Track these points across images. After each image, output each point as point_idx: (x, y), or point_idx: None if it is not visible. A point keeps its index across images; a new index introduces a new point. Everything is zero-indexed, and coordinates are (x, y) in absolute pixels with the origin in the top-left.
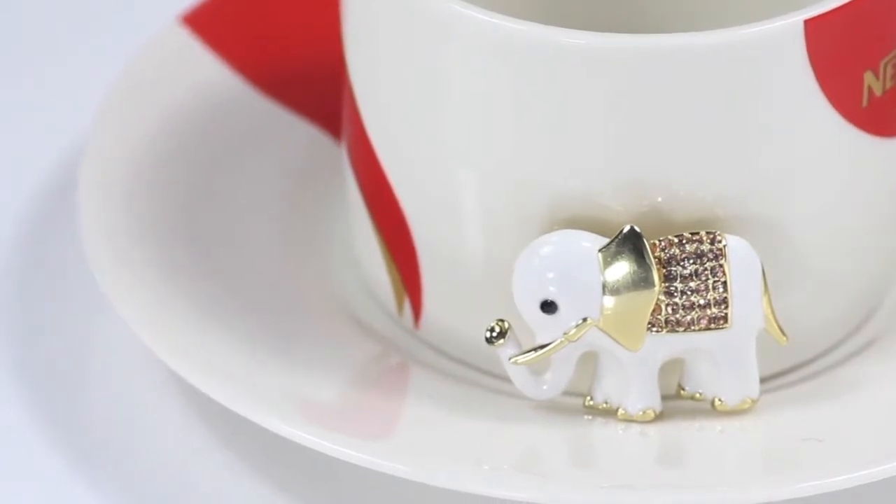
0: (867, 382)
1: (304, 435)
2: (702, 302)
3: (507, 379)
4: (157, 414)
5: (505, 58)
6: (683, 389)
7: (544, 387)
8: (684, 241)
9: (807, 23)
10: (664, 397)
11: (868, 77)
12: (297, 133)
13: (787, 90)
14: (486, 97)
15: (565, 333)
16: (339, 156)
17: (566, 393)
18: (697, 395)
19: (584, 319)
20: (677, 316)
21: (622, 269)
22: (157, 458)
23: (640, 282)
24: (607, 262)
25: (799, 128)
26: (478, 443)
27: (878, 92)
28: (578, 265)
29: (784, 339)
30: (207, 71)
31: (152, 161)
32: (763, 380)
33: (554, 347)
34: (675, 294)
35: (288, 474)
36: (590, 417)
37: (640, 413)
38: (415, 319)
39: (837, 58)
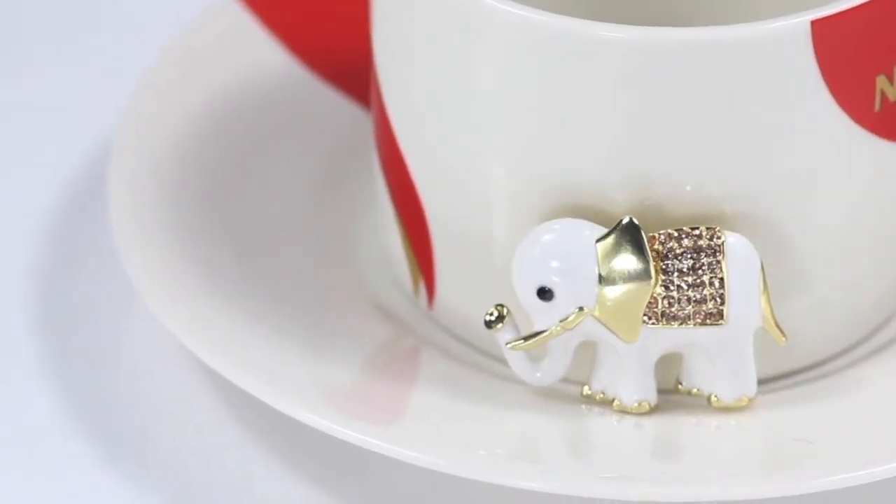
0: (871, 386)
1: (319, 420)
2: (698, 297)
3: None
4: (184, 402)
5: (530, 49)
6: (681, 384)
7: (538, 374)
8: (683, 236)
9: (814, 23)
10: (663, 391)
11: (881, 81)
12: (344, 115)
13: (794, 90)
14: (507, 86)
15: (561, 321)
16: None
17: (568, 381)
18: (694, 390)
19: (581, 309)
20: (673, 310)
21: (619, 260)
22: (185, 443)
23: (636, 274)
24: (604, 253)
25: (806, 129)
26: (477, 430)
27: (891, 97)
28: (577, 254)
29: (783, 339)
30: (260, 48)
31: (189, 143)
32: (771, 381)
33: (549, 335)
34: (672, 288)
35: (310, 458)
36: (587, 407)
37: (636, 405)
38: (429, 301)
39: (848, 61)
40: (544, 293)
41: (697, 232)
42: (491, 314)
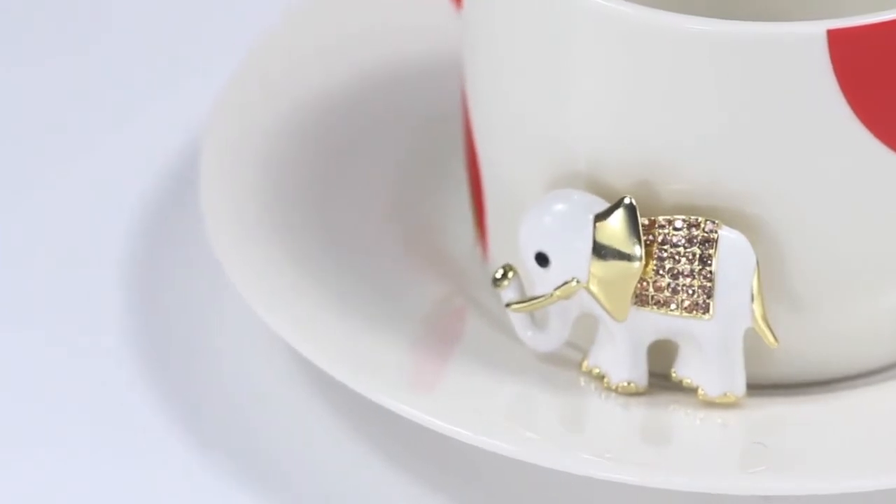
0: (869, 401)
1: (373, 391)
2: (685, 286)
3: None
4: (273, 385)
5: (611, 38)
6: (674, 372)
7: (529, 332)
8: (682, 224)
9: (830, 32)
10: (659, 376)
11: None
12: (440, 93)
13: (811, 99)
14: (563, 62)
15: (556, 289)
16: None
17: (578, 348)
18: (686, 380)
19: (577, 281)
20: (660, 295)
21: (612, 238)
22: (274, 428)
23: (626, 253)
24: (600, 229)
25: (824, 140)
26: (474, 396)
27: None
28: (578, 227)
29: (774, 341)
30: (350, 43)
31: (286, 128)
32: (768, 387)
33: (542, 301)
34: (663, 273)
35: (390, 438)
36: (585, 381)
37: (624, 384)
38: (483, 253)
39: (871, 77)
40: (542, 259)
41: (696, 222)
42: (497, 272)
